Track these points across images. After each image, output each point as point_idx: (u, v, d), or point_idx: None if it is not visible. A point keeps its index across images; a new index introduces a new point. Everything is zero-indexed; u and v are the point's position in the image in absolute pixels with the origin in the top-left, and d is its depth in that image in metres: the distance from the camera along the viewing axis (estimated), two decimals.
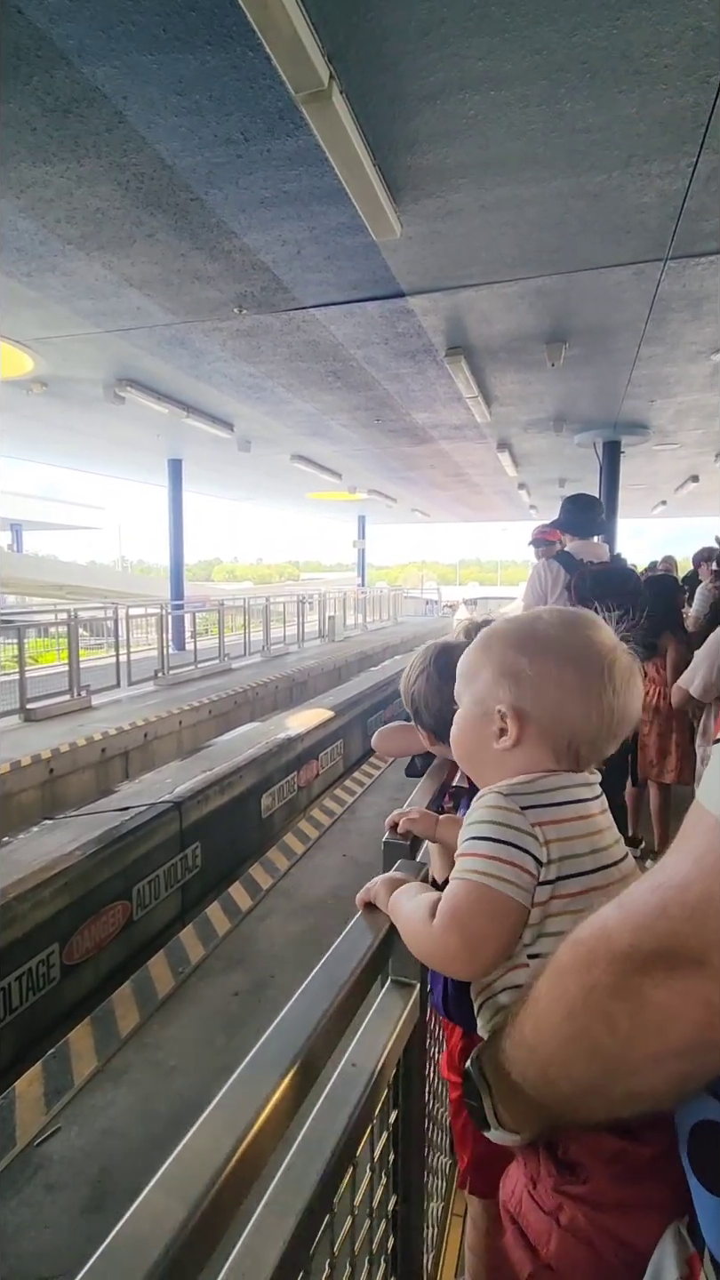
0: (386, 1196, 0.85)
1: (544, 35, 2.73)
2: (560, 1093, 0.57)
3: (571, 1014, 0.53)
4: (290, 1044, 0.59)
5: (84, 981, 4.65)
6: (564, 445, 10.76)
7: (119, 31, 2.70)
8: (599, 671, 0.80)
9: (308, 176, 3.70)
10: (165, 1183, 0.45)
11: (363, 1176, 0.72)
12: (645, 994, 0.46)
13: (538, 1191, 0.66)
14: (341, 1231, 0.66)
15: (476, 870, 0.73)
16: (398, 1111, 0.87)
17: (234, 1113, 0.51)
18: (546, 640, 0.84)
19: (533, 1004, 0.59)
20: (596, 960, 0.50)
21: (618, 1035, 0.49)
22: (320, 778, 9.05)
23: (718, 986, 0.43)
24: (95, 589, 22.81)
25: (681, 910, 0.44)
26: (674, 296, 5.36)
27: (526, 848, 0.73)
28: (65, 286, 5.11)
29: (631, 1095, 0.52)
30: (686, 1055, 0.46)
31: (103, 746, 7.11)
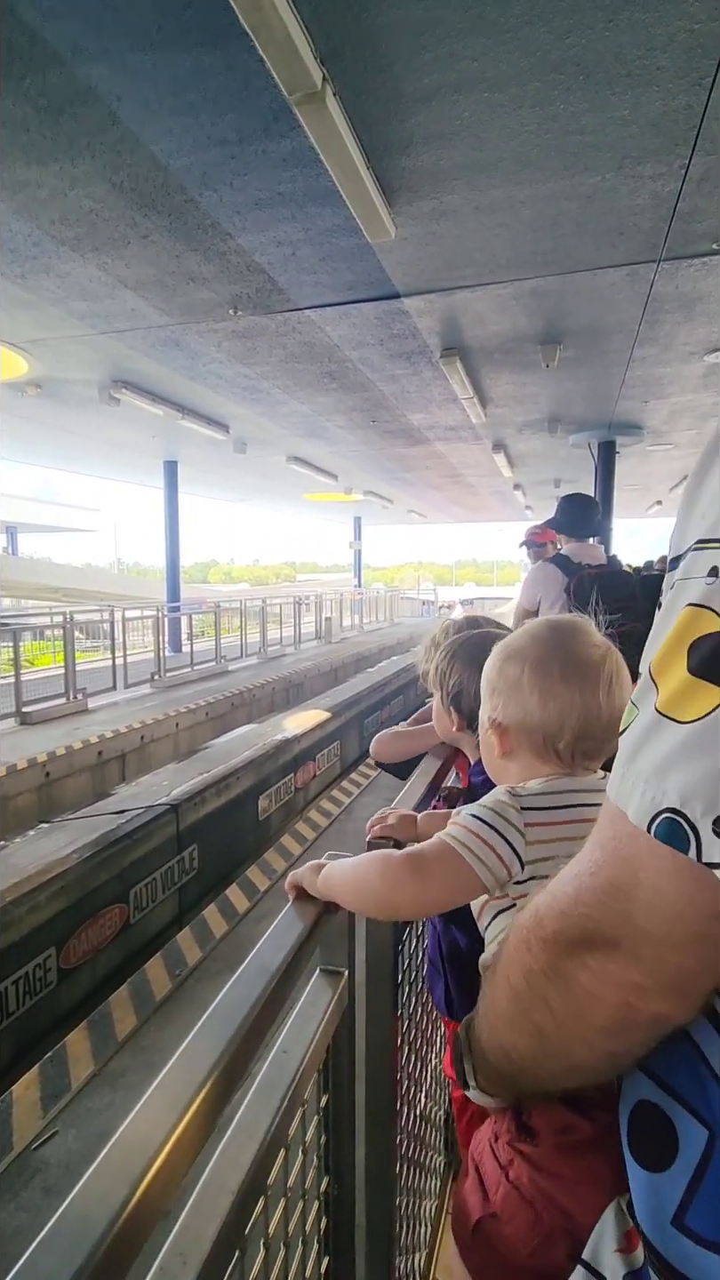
0: (319, 1178, 0.88)
1: (538, 37, 2.74)
2: (513, 1064, 0.61)
3: (515, 995, 0.56)
4: (224, 1031, 0.61)
5: (81, 985, 4.64)
6: (559, 446, 10.79)
7: (112, 31, 2.70)
8: (570, 672, 0.85)
9: (302, 178, 3.70)
10: (106, 1165, 0.47)
11: (295, 1159, 0.74)
12: (571, 976, 0.49)
13: (497, 1145, 0.72)
14: (276, 1213, 0.69)
15: (454, 836, 0.80)
16: (328, 1096, 0.90)
17: (171, 1097, 0.53)
18: (516, 650, 0.90)
19: (490, 983, 0.62)
20: (531, 945, 0.53)
21: (553, 1016, 0.52)
22: (317, 779, 9.05)
23: (629, 967, 0.44)
24: (91, 591, 22.78)
25: (593, 895, 0.46)
26: (667, 297, 5.38)
27: (509, 839, 0.79)
28: (59, 288, 5.10)
29: (570, 1070, 0.55)
30: (613, 1034, 0.49)
31: (99, 749, 7.08)
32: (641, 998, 0.45)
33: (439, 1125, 1.78)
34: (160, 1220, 0.47)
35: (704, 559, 0.40)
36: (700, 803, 0.37)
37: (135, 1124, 0.51)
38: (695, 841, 0.38)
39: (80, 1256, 0.40)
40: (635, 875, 0.42)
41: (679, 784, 0.38)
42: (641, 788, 0.41)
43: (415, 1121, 1.46)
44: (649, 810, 0.40)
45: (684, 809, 0.38)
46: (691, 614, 0.40)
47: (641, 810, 0.41)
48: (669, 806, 0.39)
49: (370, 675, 13.58)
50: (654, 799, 0.40)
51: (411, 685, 14.62)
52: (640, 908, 0.42)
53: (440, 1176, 1.80)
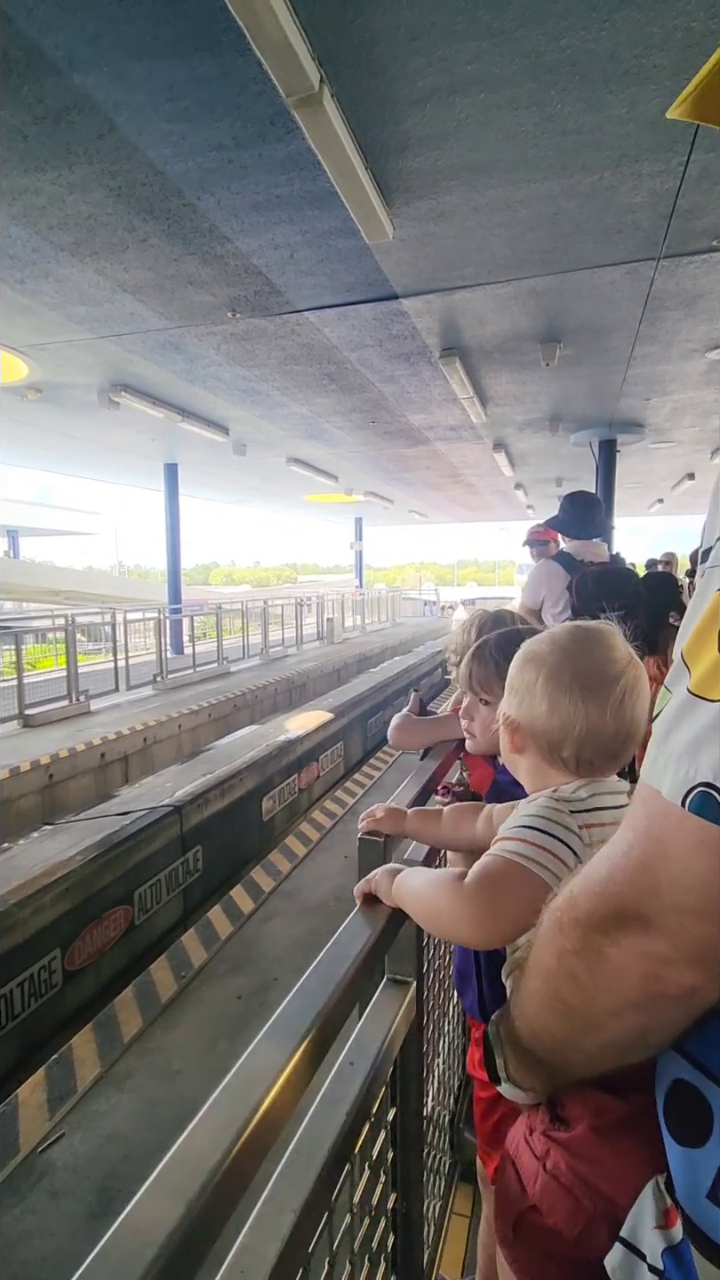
0: (386, 1194, 0.86)
1: (533, 38, 2.74)
2: (546, 1048, 0.62)
3: (548, 976, 0.58)
4: (286, 1043, 0.60)
5: (86, 987, 4.65)
6: (560, 445, 10.77)
7: (109, 40, 2.71)
8: (596, 686, 0.85)
9: (300, 180, 3.71)
10: (162, 1182, 0.46)
11: (361, 1174, 0.72)
12: (603, 953, 0.50)
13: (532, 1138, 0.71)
14: (341, 1229, 0.67)
15: (514, 851, 0.78)
16: (395, 1109, 0.87)
17: (230, 1112, 0.52)
18: (536, 654, 0.90)
19: (525, 968, 0.64)
20: (563, 926, 0.54)
21: (583, 992, 0.54)
22: (321, 780, 9.05)
23: (657, 940, 0.46)
24: (92, 594, 22.81)
25: (624, 874, 0.48)
26: (667, 295, 5.38)
27: (570, 844, 0.78)
28: (58, 293, 5.11)
29: (602, 1047, 0.56)
30: (641, 1007, 0.50)
31: (102, 751, 7.10)
32: (668, 969, 0.46)
33: (444, 1126, 1.79)
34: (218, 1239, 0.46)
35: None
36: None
37: (192, 1140, 0.49)
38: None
39: (134, 1276, 0.39)
40: (665, 850, 0.44)
41: (712, 759, 0.40)
42: (674, 766, 0.43)
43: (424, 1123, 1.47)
44: (682, 786, 0.42)
45: (717, 782, 0.40)
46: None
47: (675, 786, 0.42)
48: (703, 781, 0.41)
49: (373, 675, 13.58)
50: (687, 775, 0.42)
51: (414, 685, 14.63)
52: (668, 880, 0.44)
53: (445, 1177, 1.80)
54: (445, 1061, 1.86)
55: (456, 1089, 1.93)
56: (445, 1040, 1.86)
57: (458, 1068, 1.97)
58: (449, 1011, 1.88)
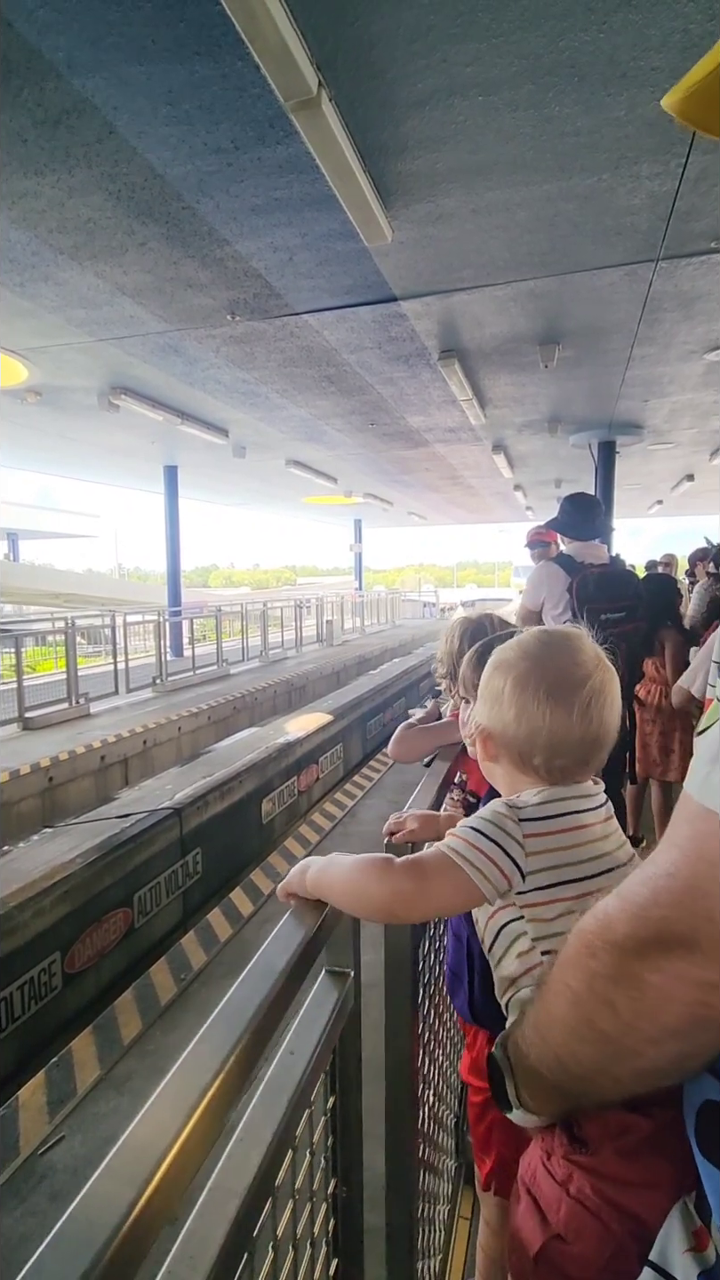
0: (326, 1180, 0.88)
1: (531, 40, 2.75)
2: (572, 1074, 0.60)
3: (577, 1001, 0.55)
4: (230, 1034, 0.61)
5: (86, 990, 4.64)
6: (559, 446, 10.78)
7: (108, 44, 2.72)
8: (561, 692, 0.85)
9: (298, 183, 3.72)
10: (113, 1169, 0.47)
11: (302, 1160, 0.74)
12: (643, 979, 0.48)
13: (551, 1163, 0.69)
14: (284, 1215, 0.69)
15: (454, 849, 0.81)
16: (335, 1097, 0.90)
17: (177, 1100, 0.53)
18: (504, 662, 0.90)
19: (544, 992, 0.62)
20: (597, 950, 0.52)
21: (619, 1019, 0.51)
22: (320, 782, 9.05)
23: (707, 967, 0.44)
24: (92, 597, 22.81)
25: (670, 896, 0.46)
26: (666, 297, 5.39)
27: (508, 851, 0.80)
28: (58, 296, 5.12)
29: (637, 1074, 0.54)
30: (683, 1035, 0.48)
31: (102, 754, 7.10)
32: (717, 996, 0.45)
33: (450, 1129, 1.78)
34: (168, 1224, 0.47)
35: None
36: None
37: (141, 1127, 0.51)
38: None
39: (86, 1261, 0.40)
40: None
41: None
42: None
43: (429, 1124, 1.47)
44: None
45: None
46: None
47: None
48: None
49: (373, 677, 13.58)
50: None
51: (413, 687, 14.62)
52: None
53: (452, 1180, 1.80)
54: (452, 1063, 1.86)
55: (461, 1090, 1.93)
56: (451, 1042, 1.86)
57: None
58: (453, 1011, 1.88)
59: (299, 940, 0.81)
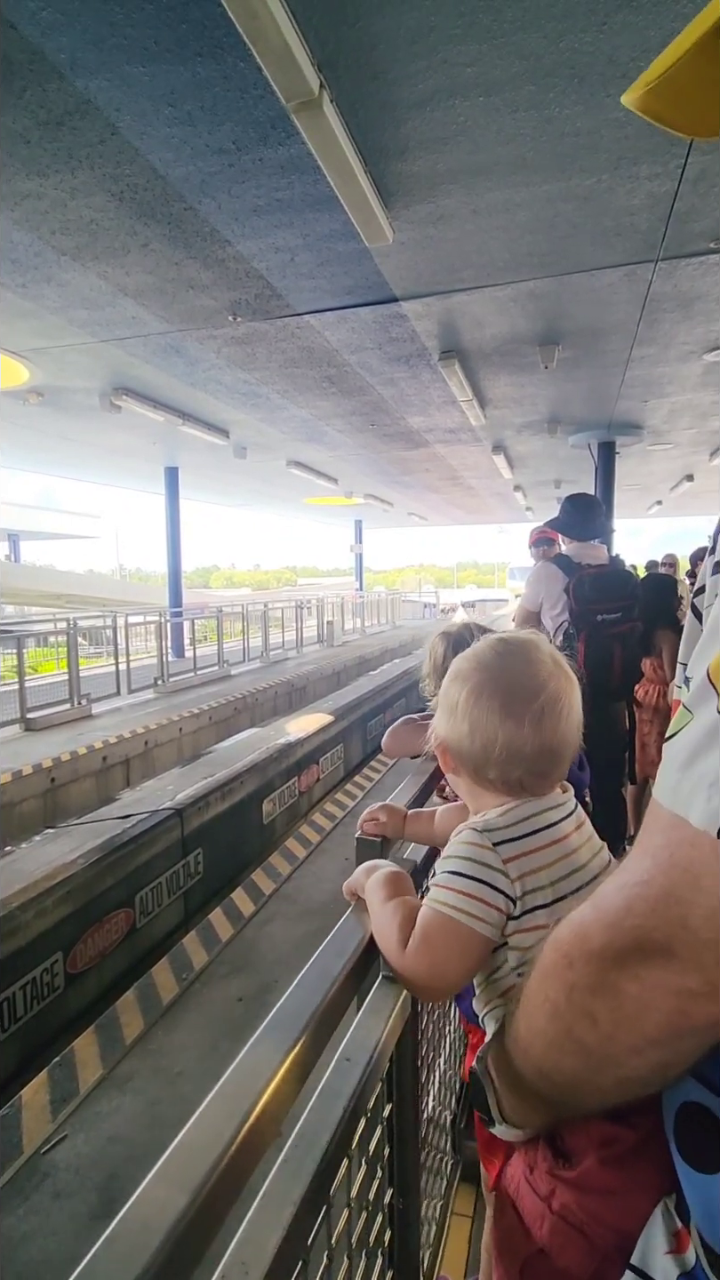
0: (382, 1190, 0.86)
1: (531, 41, 2.76)
2: (555, 1086, 0.59)
3: (556, 1013, 0.55)
4: (285, 1038, 0.60)
5: (88, 990, 4.64)
6: (559, 447, 10.79)
7: (111, 44, 2.72)
8: (514, 704, 0.82)
9: (300, 184, 3.72)
10: (166, 1173, 0.46)
11: (358, 1169, 0.73)
12: (621, 988, 0.48)
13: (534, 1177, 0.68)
14: (339, 1223, 0.67)
15: (447, 904, 0.77)
16: (391, 1105, 0.88)
17: (232, 1104, 0.52)
18: (460, 672, 0.87)
19: (523, 1005, 0.61)
20: (574, 960, 0.52)
21: (599, 1030, 0.51)
22: (321, 782, 9.05)
23: (685, 975, 0.44)
24: (93, 598, 22.82)
25: (645, 905, 0.45)
26: (665, 297, 5.39)
27: (498, 886, 0.76)
28: (60, 297, 5.13)
29: (619, 1083, 0.53)
30: (664, 1044, 0.48)
31: (103, 755, 7.10)
32: (695, 1003, 0.44)
33: (445, 1127, 1.79)
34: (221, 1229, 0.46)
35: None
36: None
37: (195, 1131, 0.50)
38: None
39: (139, 1265, 0.40)
40: (696, 882, 0.42)
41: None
42: (706, 793, 0.40)
43: (425, 1124, 1.47)
44: (716, 816, 0.39)
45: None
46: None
47: (708, 816, 0.40)
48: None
49: (373, 678, 13.58)
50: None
51: (413, 688, 14.62)
52: (701, 914, 0.42)
53: (447, 1177, 1.80)
54: (447, 1061, 1.86)
55: (459, 1089, 1.93)
56: (447, 1040, 1.86)
57: (459, 1068, 1.97)
58: (450, 1011, 1.88)
59: (356, 943, 0.79)
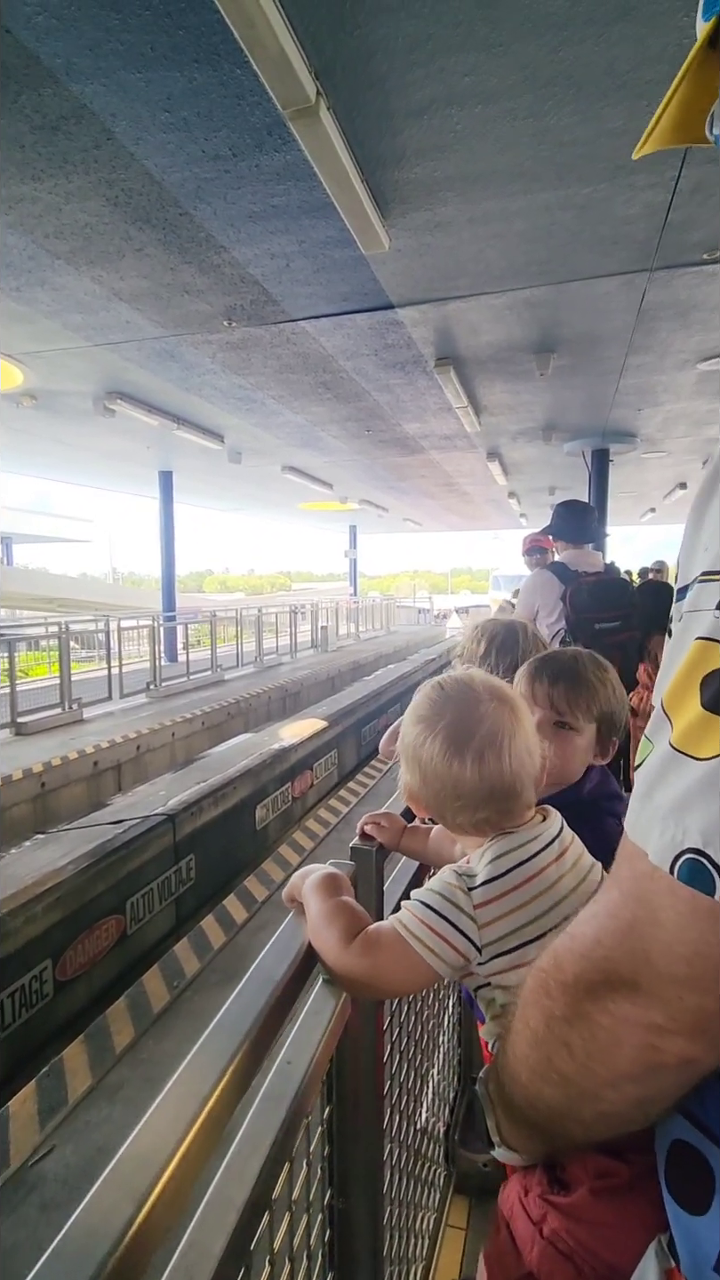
0: (323, 1190, 0.88)
1: (529, 51, 2.77)
2: (540, 1114, 0.59)
3: (536, 1041, 0.55)
4: (228, 1044, 0.61)
5: (77, 997, 4.60)
6: (553, 454, 10.83)
7: (107, 50, 2.72)
8: (455, 748, 0.82)
9: (296, 191, 3.73)
10: (113, 1180, 0.46)
11: (299, 1172, 0.74)
12: (594, 1020, 0.48)
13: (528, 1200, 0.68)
14: (281, 1227, 0.68)
15: (409, 928, 0.78)
16: (331, 1107, 0.89)
17: (177, 1110, 0.53)
18: (414, 723, 0.87)
19: (510, 1032, 0.61)
20: (551, 989, 0.52)
21: (576, 1061, 0.50)
22: (315, 788, 9.01)
23: (650, 1009, 0.43)
24: (86, 602, 22.73)
25: (613, 938, 0.45)
26: (660, 306, 5.43)
27: (462, 929, 0.77)
28: (54, 301, 5.12)
29: (600, 1117, 0.53)
30: (639, 1079, 0.47)
31: (95, 759, 7.05)
32: (663, 1039, 0.44)
33: (438, 1138, 1.77)
34: (166, 1236, 0.46)
35: (710, 591, 0.39)
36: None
37: (140, 1138, 0.50)
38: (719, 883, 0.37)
39: (86, 1273, 0.40)
40: (655, 916, 0.42)
41: (700, 823, 0.38)
42: (660, 826, 0.40)
43: (412, 1134, 1.45)
44: (670, 850, 0.39)
45: (707, 849, 0.37)
46: (702, 648, 0.39)
47: (662, 850, 0.40)
48: (691, 847, 0.38)
49: (367, 683, 13.56)
50: (674, 839, 0.39)
51: (407, 694, 14.61)
52: (660, 949, 0.42)
53: (441, 1190, 1.78)
54: (441, 1072, 1.84)
55: (453, 1100, 1.91)
56: (441, 1051, 1.85)
57: (453, 1079, 1.96)
58: (444, 1022, 1.86)
59: (297, 947, 0.80)
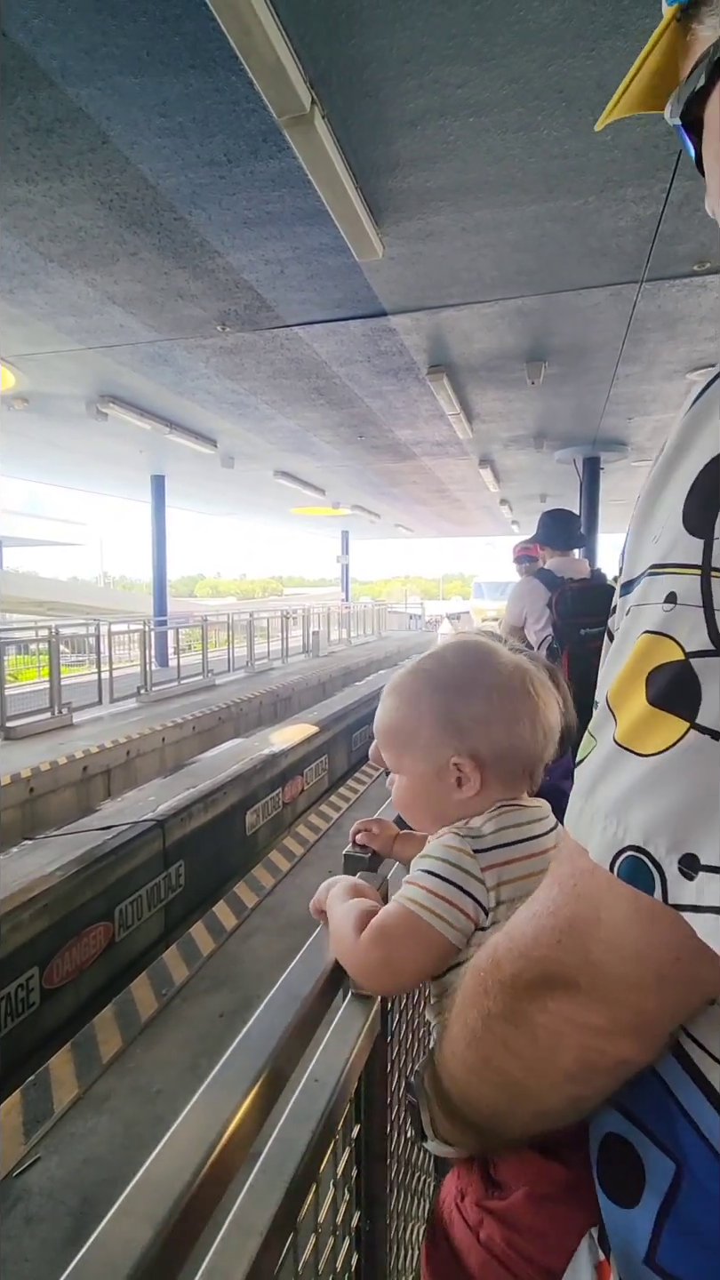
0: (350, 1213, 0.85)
1: (521, 64, 2.80)
2: (477, 1113, 0.58)
3: (474, 1040, 0.54)
4: (253, 1061, 0.59)
5: (64, 1006, 4.55)
6: (544, 461, 10.90)
7: (103, 54, 2.73)
8: (524, 691, 0.83)
9: (291, 197, 3.75)
10: (130, 1206, 0.45)
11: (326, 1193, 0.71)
12: (533, 1019, 0.47)
13: (464, 1204, 0.66)
14: (305, 1250, 0.65)
15: (416, 901, 0.74)
16: (360, 1126, 0.86)
17: (199, 1132, 0.51)
18: (468, 679, 0.85)
19: (449, 1029, 0.60)
20: (490, 988, 0.51)
21: (515, 1061, 0.50)
22: (305, 794, 8.99)
23: (590, 1010, 0.43)
24: (77, 605, 22.62)
25: (552, 936, 0.44)
26: (650, 317, 5.48)
27: (471, 892, 0.74)
28: (48, 304, 5.11)
29: (538, 1116, 0.53)
30: (578, 1079, 0.47)
31: (84, 764, 7.01)
32: (604, 1040, 0.43)
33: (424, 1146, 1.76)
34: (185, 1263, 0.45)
35: (659, 584, 0.38)
36: (665, 840, 0.36)
37: (160, 1162, 0.48)
38: (660, 881, 0.36)
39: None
40: (596, 914, 0.41)
41: (642, 820, 0.37)
42: (602, 824, 0.39)
43: (403, 1144, 1.44)
44: (610, 848, 0.38)
45: (647, 847, 0.36)
46: (649, 641, 0.38)
47: (603, 848, 0.39)
48: (631, 844, 0.37)
49: (358, 689, 13.55)
50: (615, 836, 0.38)
51: None
52: (600, 948, 0.41)
53: (430, 1199, 1.78)
54: None
55: None
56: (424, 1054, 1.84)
57: None
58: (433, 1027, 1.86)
59: (324, 961, 0.78)
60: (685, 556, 0.37)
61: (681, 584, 0.36)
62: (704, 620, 0.35)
